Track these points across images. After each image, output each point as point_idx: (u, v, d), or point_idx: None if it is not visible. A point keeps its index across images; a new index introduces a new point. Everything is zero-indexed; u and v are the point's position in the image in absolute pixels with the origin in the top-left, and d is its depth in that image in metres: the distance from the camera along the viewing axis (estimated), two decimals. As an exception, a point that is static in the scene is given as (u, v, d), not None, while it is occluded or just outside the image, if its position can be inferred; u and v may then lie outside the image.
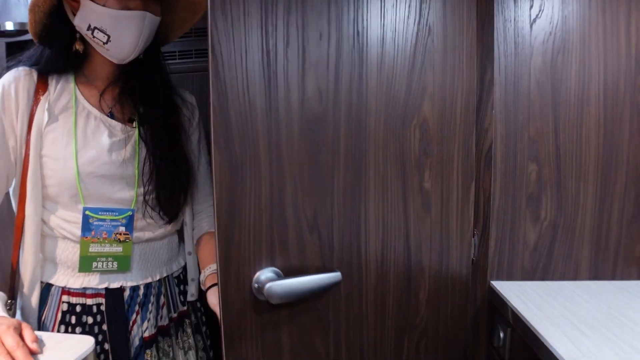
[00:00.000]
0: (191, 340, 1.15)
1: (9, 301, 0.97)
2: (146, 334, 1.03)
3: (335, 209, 0.94)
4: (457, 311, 1.11)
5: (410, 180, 1.03)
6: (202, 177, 1.17)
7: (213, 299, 1.07)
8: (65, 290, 0.98)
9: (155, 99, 1.04)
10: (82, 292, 0.98)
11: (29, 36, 1.17)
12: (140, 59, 1.00)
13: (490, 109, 1.07)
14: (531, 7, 1.06)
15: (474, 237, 1.09)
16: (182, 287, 1.15)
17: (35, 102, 0.92)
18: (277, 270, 0.87)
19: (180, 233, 1.16)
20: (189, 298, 1.16)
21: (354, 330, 0.98)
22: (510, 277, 1.12)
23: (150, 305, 1.04)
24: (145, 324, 1.03)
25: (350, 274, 0.96)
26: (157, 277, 1.07)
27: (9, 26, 1.40)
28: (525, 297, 1.00)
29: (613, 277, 1.11)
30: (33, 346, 0.75)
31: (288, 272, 0.88)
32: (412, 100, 1.00)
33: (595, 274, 1.11)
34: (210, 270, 1.11)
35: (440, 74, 1.01)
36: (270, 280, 0.82)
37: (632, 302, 0.98)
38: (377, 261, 1.01)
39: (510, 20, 1.07)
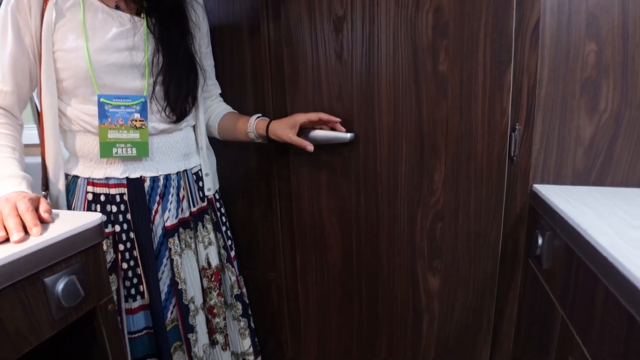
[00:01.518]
0: (211, 236, 1.16)
1: (43, 192, 1.05)
2: (168, 223, 1.05)
3: (354, 85, 1.08)
4: (489, 213, 1.00)
5: (422, 63, 0.99)
6: (212, 82, 1.21)
7: (282, 131, 1.09)
8: (90, 181, 1.00)
9: None
10: (105, 183, 1.00)
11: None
12: None
13: (538, -24, 0.89)
14: None
15: (514, 131, 0.95)
16: (200, 184, 1.14)
17: (45, 2, 0.94)
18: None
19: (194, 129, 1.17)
20: (207, 193, 1.16)
21: (370, 184, 1.12)
22: (557, 180, 0.96)
23: (170, 196, 1.06)
24: (167, 214, 1.05)
25: (366, 139, 1.10)
26: (176, 171, 1.07)
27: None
28: (576, 201, 0.85)
29: (694, 181, 0.91)
30: (44, 215, 0.79)
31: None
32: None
33: (670, 178, 0.92)
34: (255, 118, 1.14)
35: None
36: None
37: None
38: (389, 134, 1.06)
39: None
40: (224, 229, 1.22)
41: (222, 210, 1.22)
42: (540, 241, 0.88)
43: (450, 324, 1.10)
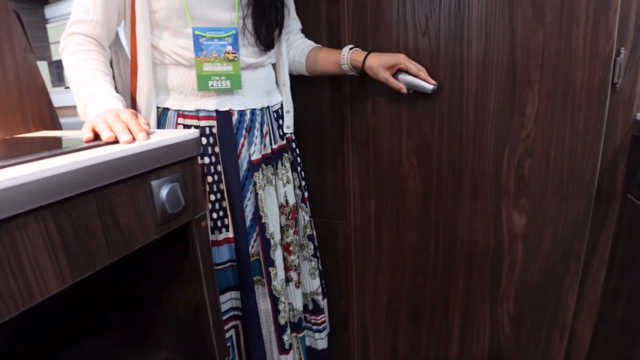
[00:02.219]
0: (289, 175, 1.17)
1: None
2: (253, 157, 1.07)
3: (442, 16, 1.02)
4: (585, 147, 0.95)
5: (520, 10, 0.94)
6: (293, 16, 1.19)
7: (379, 70, 1.07)
8: (180, 113, 1.02)
9: None
10: (196, 115, 1.02)
11: None
12: None
13: None
14: None
15: (618, 56, 0.90)
16: (280, 122, 1.17)
17: None
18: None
19: (276, 67, 1.17)
20: (286, 130, 1.17)
21: (455, 123, 1.09)
22: (668, 108, 0.91)
23: (255, 130, 1.07)
24: (252, 148, 1.07)
25: (453, 73, 1.06)
26: (260, 106, 1.09)
27: None
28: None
29: None
30: (144, 126, 0.80)
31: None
32: None
33: None
34: (348, 49, 1.12)
35: None
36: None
37: None
38: (478, 66, 1.02)
39: None
40: (299, 168, 1.22)
41: (297, 150, 1.23)
42: (647, 169, 0.83)
43: (534, 266, 1.07)
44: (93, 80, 0.92)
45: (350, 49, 1.12)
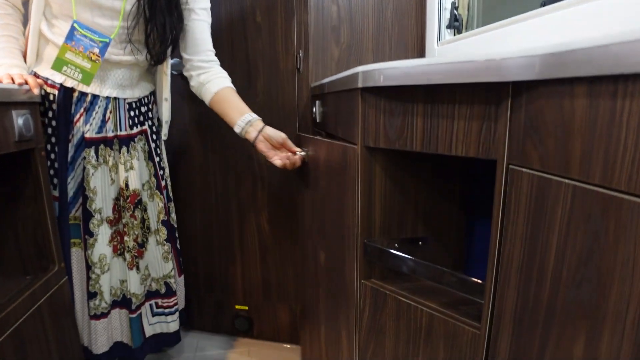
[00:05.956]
0: (134, 162, 1.28)
1: None
2: (87, 135, 1.20)
3: None
4: (290, 100, 1.70)
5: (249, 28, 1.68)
6: (198, 31, 1.31)
7: (263, 146, 1.25)
8: (37, 75, 1.16)
9: None
10: (45, 80, 1.16)
11: None
12: None
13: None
14: None
15: (299, 54, 1.65)
16: (131, 113, 1.27)
17: None
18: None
19: (159, 82, 1.34)
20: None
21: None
22: (323, 78, 1.69)
23: (94, 113, 1.20)
24: (87, 127, 1.20)
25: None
26: (106, 95, 1.21)
27: None
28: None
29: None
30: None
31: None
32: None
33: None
34: (248, 119, 1.26)
35: None
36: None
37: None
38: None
39: None
40: (157, 159, 1.37)
41: (158, 142, 1.39)
42: (315, 109, 1.57)
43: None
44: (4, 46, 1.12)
45: (249, 121, 1.27)
